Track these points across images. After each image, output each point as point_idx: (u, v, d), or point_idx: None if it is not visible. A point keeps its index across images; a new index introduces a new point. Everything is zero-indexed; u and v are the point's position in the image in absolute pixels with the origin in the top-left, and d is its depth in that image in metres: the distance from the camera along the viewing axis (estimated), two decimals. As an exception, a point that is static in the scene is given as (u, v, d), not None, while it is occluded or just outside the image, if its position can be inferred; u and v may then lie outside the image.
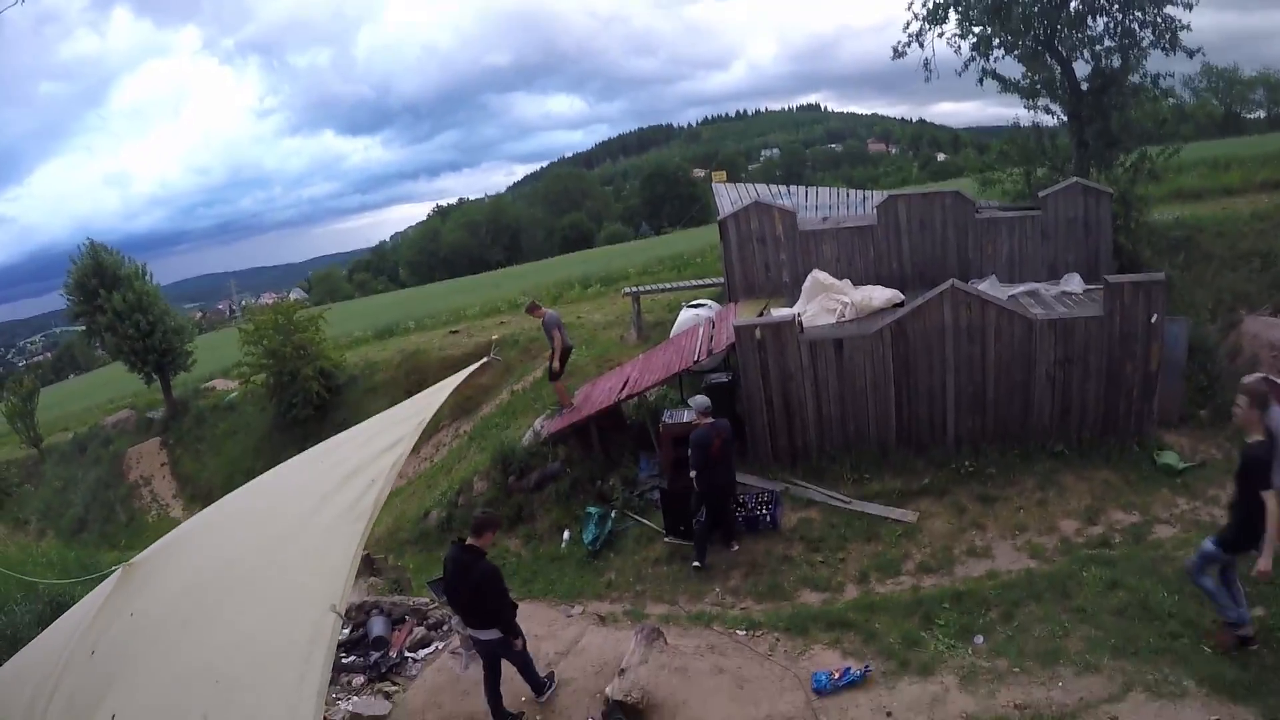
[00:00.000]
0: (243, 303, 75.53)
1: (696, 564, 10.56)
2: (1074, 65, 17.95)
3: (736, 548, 10.72)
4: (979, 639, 8.15)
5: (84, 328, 28.50)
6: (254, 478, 17.84)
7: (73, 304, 27.36)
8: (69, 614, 5.34)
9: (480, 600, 7.19)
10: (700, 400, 10.46)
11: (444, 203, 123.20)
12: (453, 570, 7.23)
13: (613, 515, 12.07)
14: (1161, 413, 11.85)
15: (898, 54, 18.71)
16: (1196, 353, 12.83)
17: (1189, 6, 16.43)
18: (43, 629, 7.57)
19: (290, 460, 5.86)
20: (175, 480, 24.87)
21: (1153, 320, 10.96)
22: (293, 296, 40.69)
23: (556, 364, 13.97)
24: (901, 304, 12.72)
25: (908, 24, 18.41)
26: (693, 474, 10.17)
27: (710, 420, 10.23)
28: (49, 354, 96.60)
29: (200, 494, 23.28)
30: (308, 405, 22.62)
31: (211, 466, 24.04)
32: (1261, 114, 57.10)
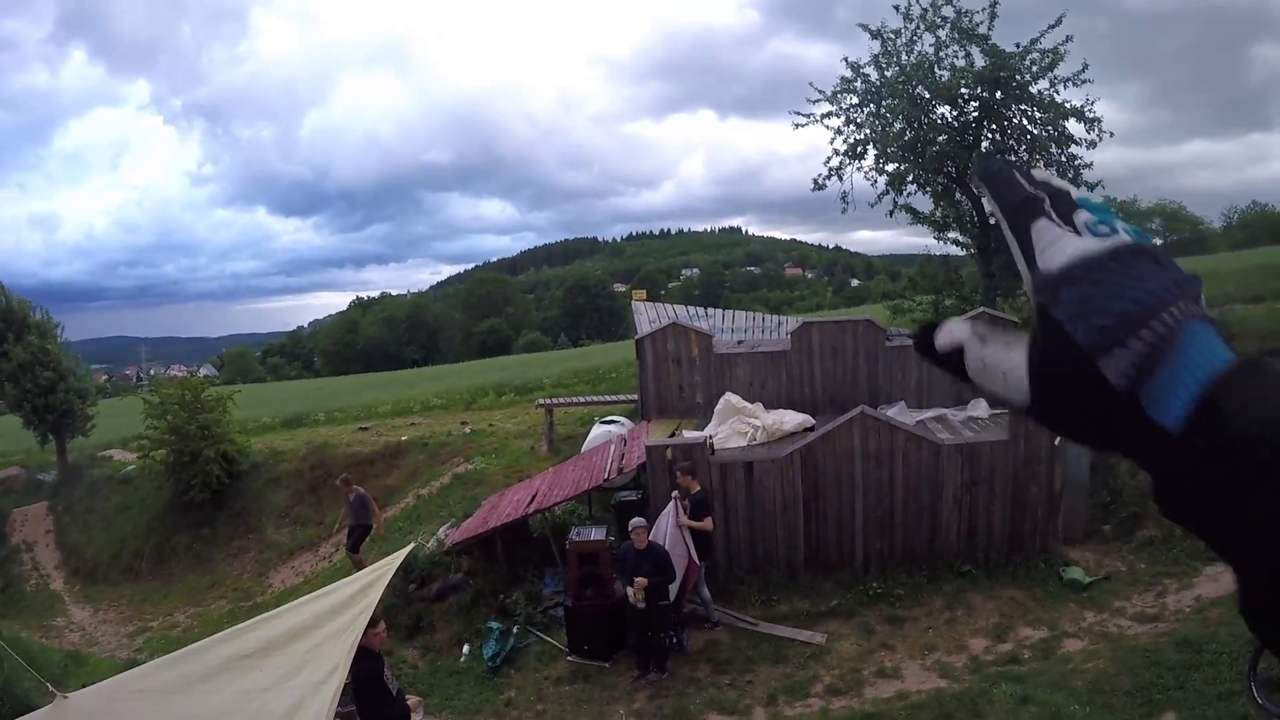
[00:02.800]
0: (151, 371, 73.05)
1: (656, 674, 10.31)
2: (983, 200, 18.90)
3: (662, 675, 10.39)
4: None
5: None
6: (142, 560, 17.02)
7: None
8: None
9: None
10: (638, 521, 10.27)
11: (365, 295, 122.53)
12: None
13: (515, 631, 11.75)
14: (1066, 530, 12.19)
15: (818, 186, 19.48)
16: (1099, 470, 13.21)
17: (1092, 145, 17.54)
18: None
19: (229, 638, 5.62)
20: (59, 550, 23.41)
21: (1055, 443, 11.31)
22: (202, 372, 39.44)
23: (380, 530, 14.60)
24: (812, 428, 12.89)
25: (828, 158, 19.21)
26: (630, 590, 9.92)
27: (647, 543, 10.07)
28: None
29: (84, 568, 22.02)
30: (206, 489, 21.64)
31: (99, 541, 22.77)
32: (1159, 242, 60.41)
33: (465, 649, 12.02)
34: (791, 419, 13.39)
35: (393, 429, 23.45)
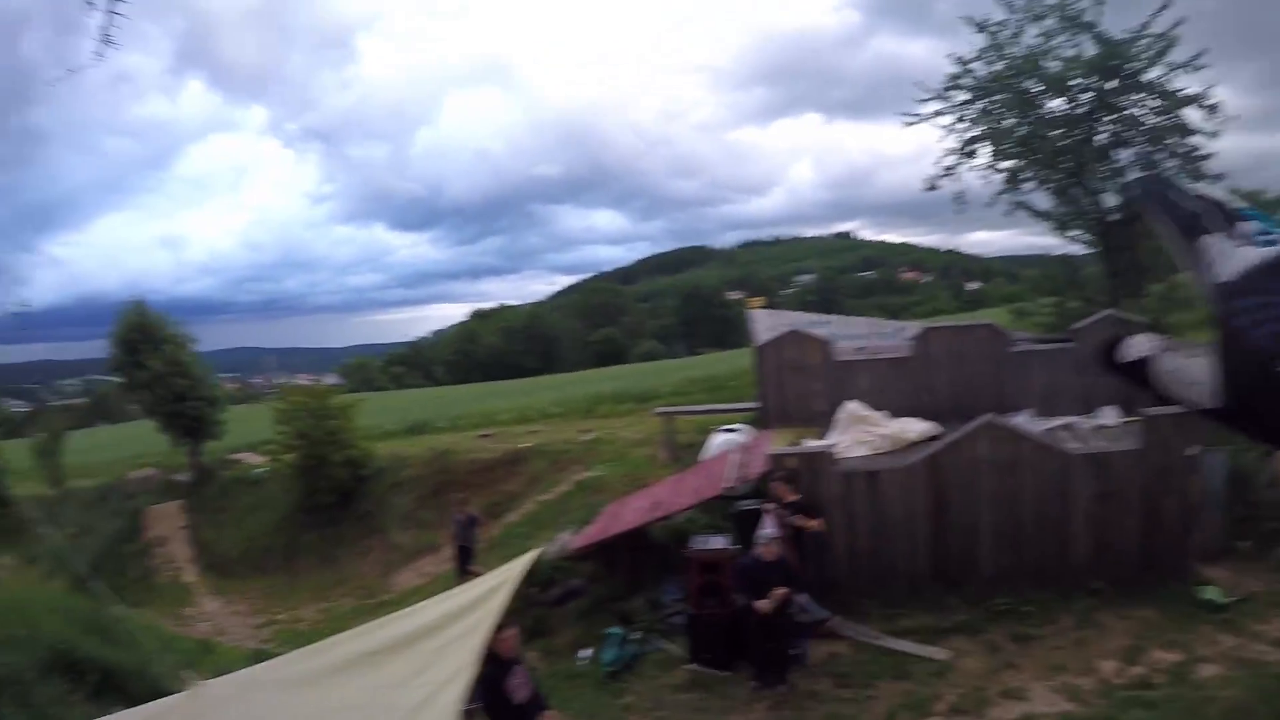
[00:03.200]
0: (278, 380, 76.09)
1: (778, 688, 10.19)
2: (1102, 196, 18.21)
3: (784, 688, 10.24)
4: (1012, 788, 7.84)
5: (122, 381, 28.97)
6: (271, 557, 17.88)
7: (115, 356, 27.65)
8: (119, 717, 5.34)
9: None
10: (767, 534, 10.13)
11: (483, 306, 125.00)
12: None
13: (635, 637, 11.82)
14: (1202, 547, 11.54)
15: (931, 187, 19.10)
16: (1236, 483, 12.53)
17: (1213, 135, 16.71)
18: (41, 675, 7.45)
19: (359, 635, 5.85)
20: (192, 546, 24.66)
21: (1191, 453, 10.79)
22: (327, 381, 41.02)
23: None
24: (937, 437, 12.62)
25: (940, 158, 18.82)
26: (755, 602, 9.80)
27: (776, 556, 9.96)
28: (83, 399, 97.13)
29: (215, 563, 23.25)
30: (333, 492, 22.57)
31: (230, 538, 23.95)
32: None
33: (582, 653, 12.14)
34: (916, 427, 13.16)
35: (513, 436, 23.89)
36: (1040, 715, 9.15)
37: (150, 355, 26.50)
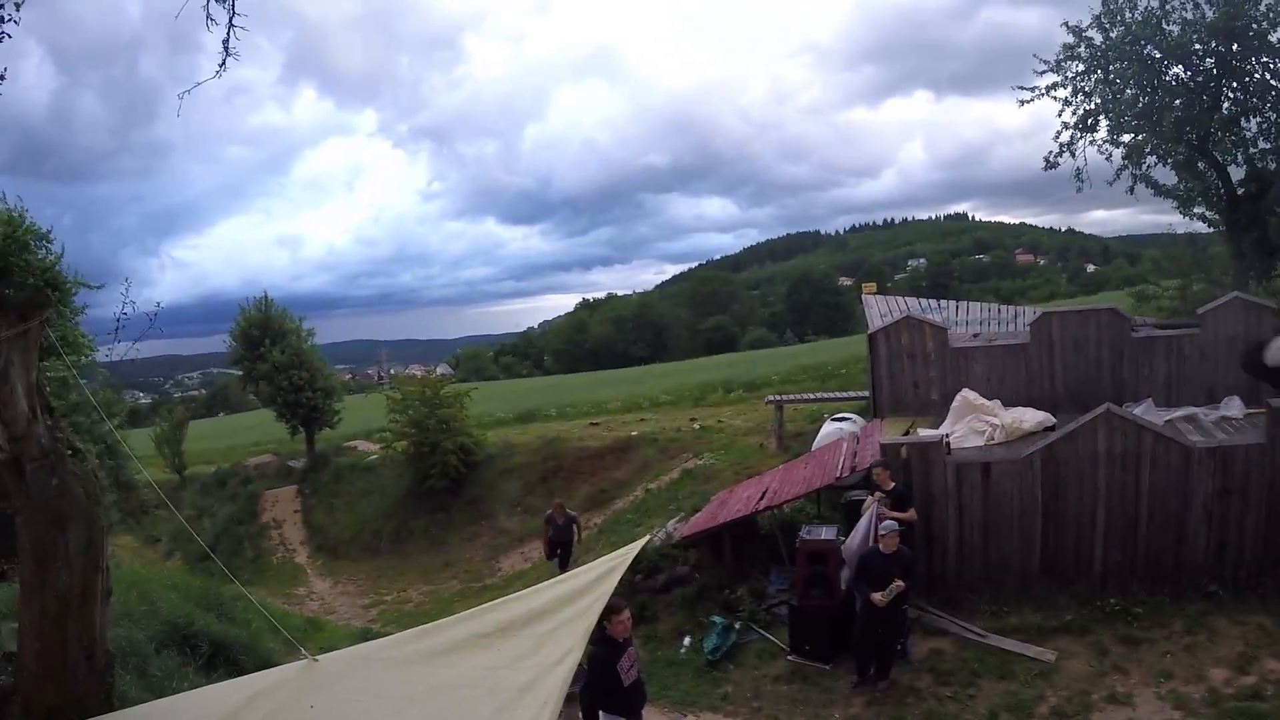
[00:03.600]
0: (391, 371, 78.40)
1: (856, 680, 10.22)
2: (1229, 170, 17.33)
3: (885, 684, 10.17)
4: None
5: (242, 373, 30.25)
6: (381, 540, 18.56)
7: (235, 350, 28.92)
8: (238, 682, 5.65)
9: None
10: (890, 525, 9.97)
11: (591, 296, 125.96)
12: None
13: (737, 627, 11.85)
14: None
15: (1049, 165, 18.50)
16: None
17: None
18: (158, 648, 7.89)
19: (470, 618, 6.06)
20: (305, 528, 25.76)
21: None
22: (439, 371, 42.07)
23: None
24: (1052, 428, 12.26)
25: (1058, 133, 18.20)
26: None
27: (896, 547, 9.81)
28: (204, 390, 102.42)
29: (327, 545, 24.23)
30: (444, 478, 23.20)
31: (342, 522, 24.87)
32: None
33: (686, 641, 12.20)
34: (1031, 417, 12.79)
35: (623, 424, 24.16)
36: (1144, 723, 8.83)
37: (270, 348, 27.66)
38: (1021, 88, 18.31)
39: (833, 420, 16.37)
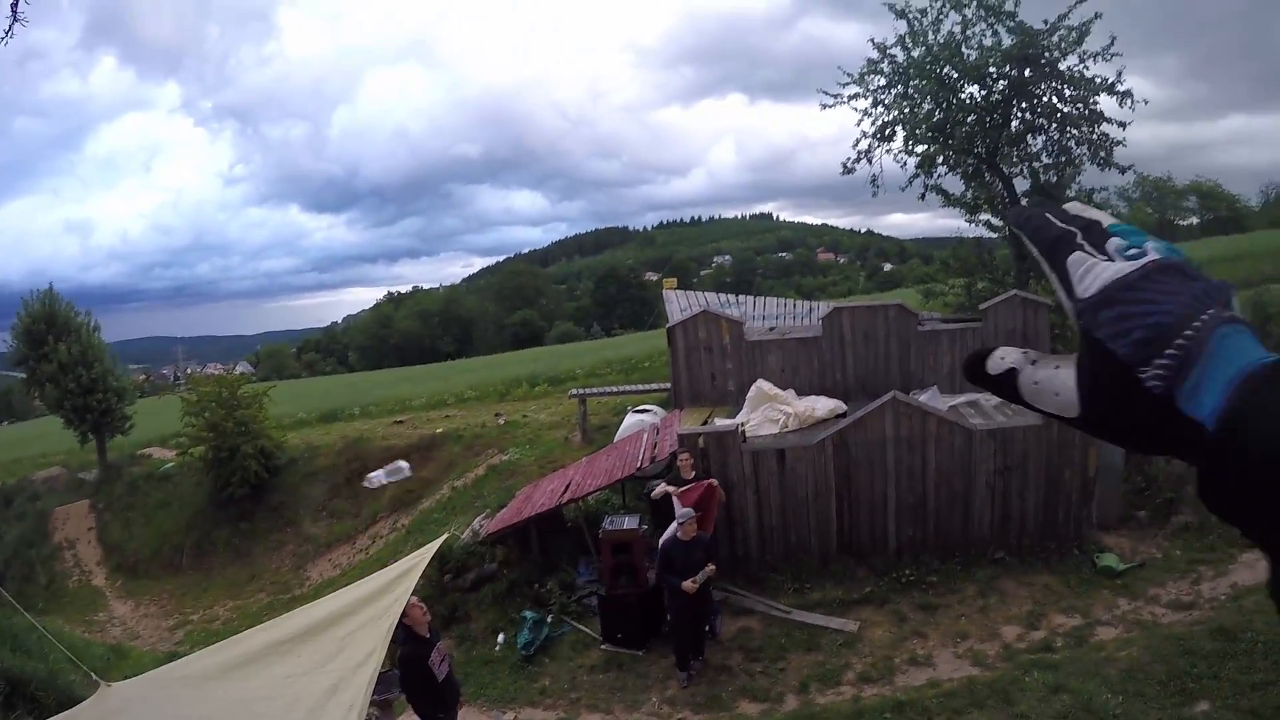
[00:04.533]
0: (188, 370, 74.16)
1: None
2: (1014, 181, 18.71)
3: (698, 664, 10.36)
4: (921, 751, 8.09)
5: (25, 375, 27.68)
6: (182, 555, 17.35)
7: (17, 349, 26.48)
8: None
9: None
10: (687, 512, 10.01)
11: (397, 289, 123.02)
12: None
13: (549, 620, 11.84)
14: (1100, 516, 12.05)
15: (847, 170, 19.37)
16: (1133, 456, 13.09)
17: (1123, 125, 17.30)
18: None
19: (268, 627, 5.80)
20: (101, 547, 23.92)
21: None
22: (239, 370, 40.03)
23: None
24: (844, 415, 12.85)
25: (857, 141, 19.09)
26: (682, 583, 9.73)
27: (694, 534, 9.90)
28: None
29: (126, 564, 22.53)
30: (245, 484, 22.01)
31: (140, 537, 23.23)
32: (1194, 220, 59.90)
33: (500, 638, 12.10)
34: (823, 405, 13.35)
35: (428, 421, 23.69)
36: (946, 681, 9.45)
37: (54, 346, 25.47)
38: (825, 93, 19.09)
39: (634, 412, 16.62)
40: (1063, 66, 17.58)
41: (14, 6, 5.14)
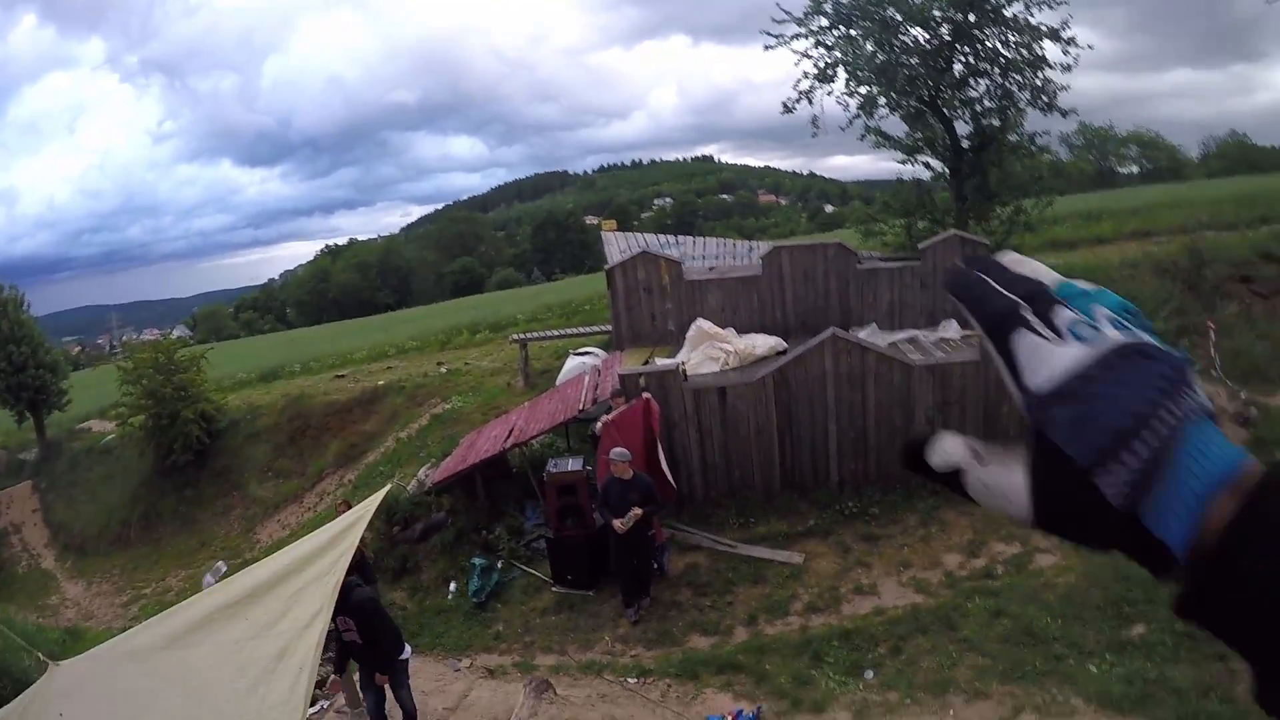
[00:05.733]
0: (123, 338, 72.40)
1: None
2: (955, 124, 18.87)
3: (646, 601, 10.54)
4: (869, 674, 8.36)
5: None
6: (130, 529, 16.85)
7: None
8: None
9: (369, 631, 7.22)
10: (620, 452, 10.03)
11: (334, 242, 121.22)
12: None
13: (499, 566, 11.90)
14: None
15: (787, 109, 19.35)
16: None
17: (1067, 69, 17.48)
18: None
19: (213, 591, 5.77)
20: (47, 528, 23.53)
21: None
22: (175, 334, 39.16)
23: None
24: (784, 352, 12.98)
25: (798, 81, 19.06)
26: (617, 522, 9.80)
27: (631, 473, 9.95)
28: None
29: (74, 544, 22.16)
30: (187, 450, 21.64)
31: (86, 514, 22.83)
32: (1134, 169, 61.05)
33: (452, 587, 12.15)
34: (763, 343, 13.47)
35: (369, 374, 23.46)
36: (890, 608, 9.73)
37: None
38: (769, 34, 18.97)
39: (575, 355, 16.61)
40: (1008, 12, 17.67)
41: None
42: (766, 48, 19.10)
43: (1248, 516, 0.53)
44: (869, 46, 18.39)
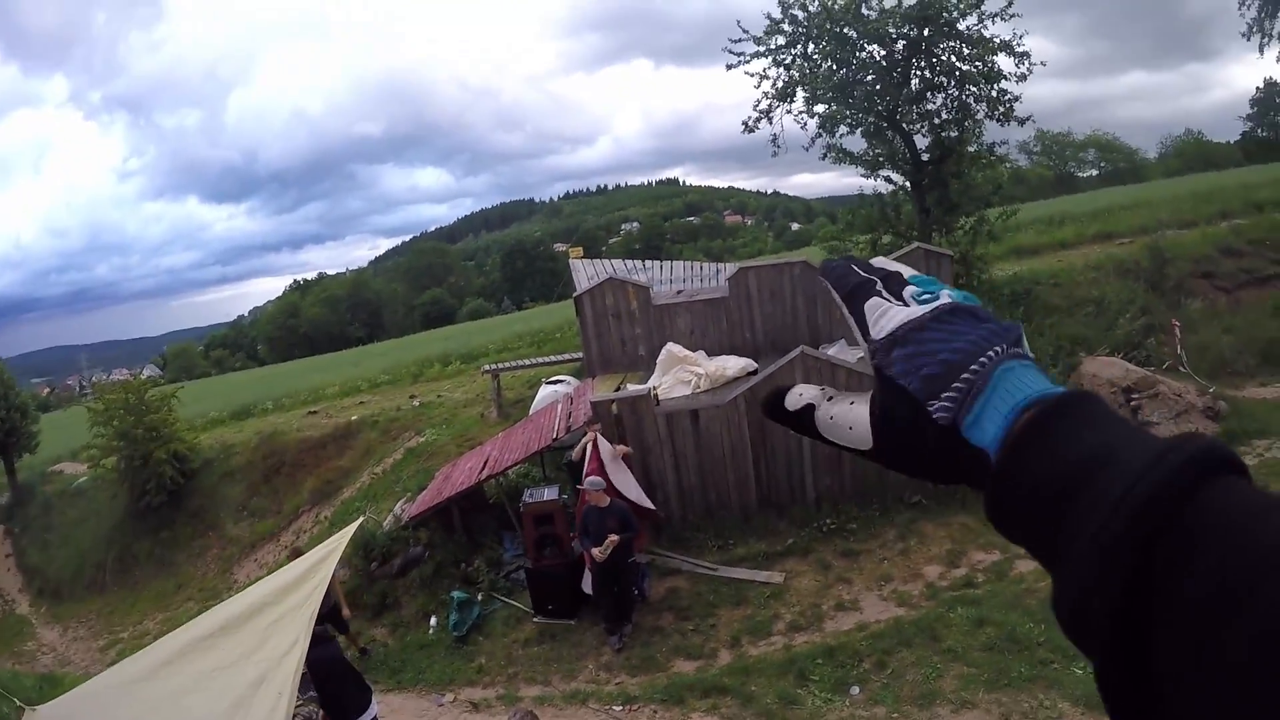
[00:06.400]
0: (93, 379, 71.60)
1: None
2: (915, 138, 19.09)
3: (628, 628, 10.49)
4: (855, 690, 8.38)
5: None
6: (105, 572, 16.51)
7: None
8: None
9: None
10: (594, 480, 10.06)
11: (303, 277, 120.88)
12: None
13: (479, 598, 11.84)
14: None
15: (748, 129, 19.50)
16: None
17: (1022, 79, 17.74)
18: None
19: (189, 626, 5.68)
20: (21, 573, 23.12)
21: None
22: (145, 373, 38.62)
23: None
24: (755, 372, 13.05)
25: (758, 101, 19.23)
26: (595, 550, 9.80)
27: (608, 501, 9.98)
28: None
29: (49, 588, 21.79)
30: (161, 491, 21.36)
31: (60, 558, 22.48)
32: (1094, 172, 61.90)
33: (433, 621, 12.06)
34: (734, 364, 13.53)
35: (342, 410, 23.32)
36: (873, 623, 9.75)
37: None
38: (731, 51, 19.11)
39: (547, 384, 16.61)
40: (961, 26, 17.94)
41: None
42: (729, 67, 19.28)
43: (1032, 425, 0.60)
44: (826, 64, 18.59)
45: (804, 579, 10.87)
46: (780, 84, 19.04)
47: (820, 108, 19.00)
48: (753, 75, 19.08)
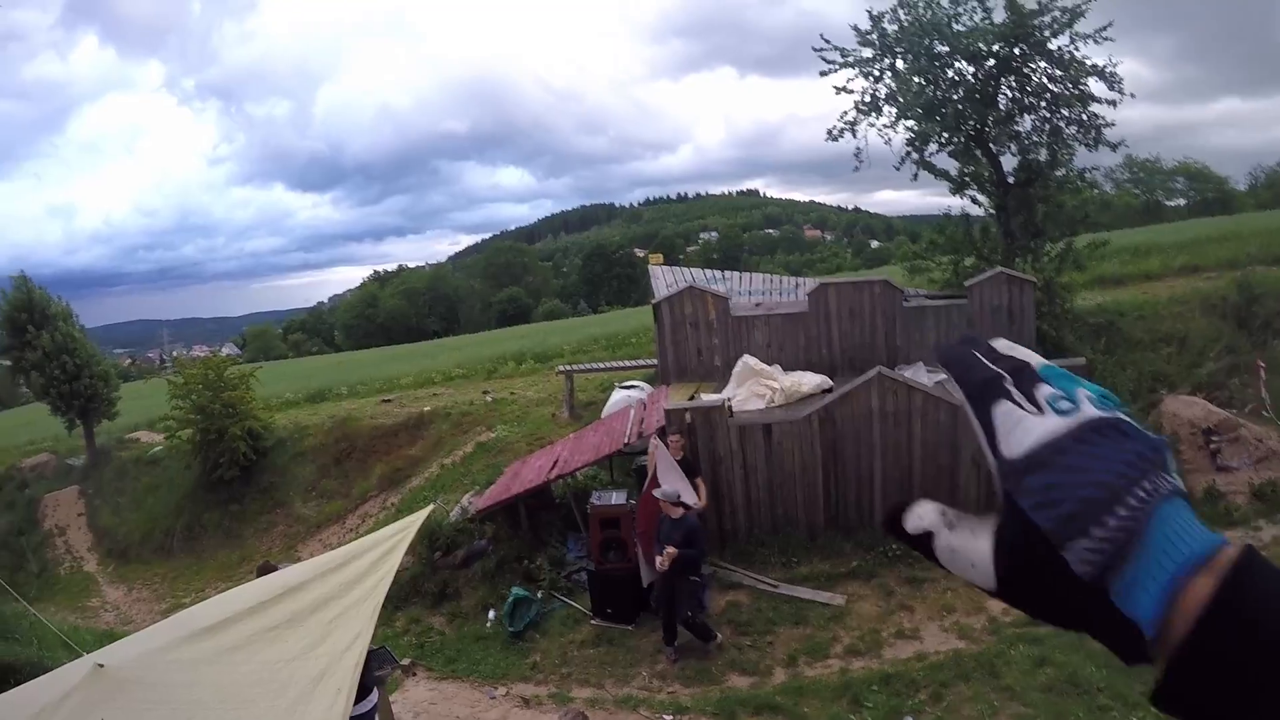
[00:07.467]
0: (174, 353, 73.78)
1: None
2: (1002, 159, 18.73)
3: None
4: (908, 720, 8.22)
5: (10, 364, 27.60)
6: (173, 539, 17.01)
7: (1, 338, 26.37)
8: (17, 693, 5.24)
9: None
10: (669, 491, 9.90)
11: (383, 268, 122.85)
12: None
13: (539, 596, 11.92)
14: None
15: (832, 137, 19.27)
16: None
17: (1113, 104, 17.29)
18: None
19: (257, 610, 5.79)
20: (91, 533, 23.87)
21: None
22: (225, 351, 39.77)
23: None
24: (830, 390, 12.92)
25: (844, 112, 19.04)
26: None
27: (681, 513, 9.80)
28: None
29: (117, 549, 22.48)
30: (233, 466, 21.92)
31: (130, 521, 23.18)
32: (1182, 202, 59.99)
33: (491, 615, 12.17)
34: (809, 381, 13.43)
35: (415, 400, 23.64)
36: (932, 654, 9.58)
37: (35, 335, 25.30)
38: (824, 58, 18.90)
39: (621, 388, 16.63)
40: (1052, 46, 17.56)
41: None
42: (822, 73, 19.05)
43: (1224, 601, 0.52)
44: (916, 80, 18.34)
45: (866, 603, 10.73)
46: (868, 97, 18.84)
47: (908, 124, 18.75)
48: (838, 88, 18.90)
